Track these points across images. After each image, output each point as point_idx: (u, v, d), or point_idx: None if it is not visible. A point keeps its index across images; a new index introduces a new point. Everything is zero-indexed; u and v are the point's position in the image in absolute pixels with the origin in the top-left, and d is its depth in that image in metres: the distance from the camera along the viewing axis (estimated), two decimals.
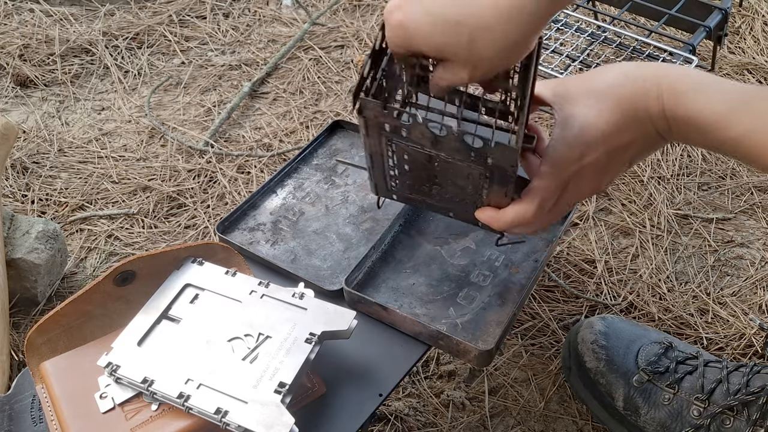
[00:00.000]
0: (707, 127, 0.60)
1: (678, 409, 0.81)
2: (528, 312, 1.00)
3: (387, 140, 0.63)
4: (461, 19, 0.54)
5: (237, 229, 0.85)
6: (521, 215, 0.65)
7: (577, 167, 0.64)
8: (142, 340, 0.66)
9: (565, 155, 0.64)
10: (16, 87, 1.37)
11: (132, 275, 0.69)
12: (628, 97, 0.63)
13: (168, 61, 1.45)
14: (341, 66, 1.42)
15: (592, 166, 0.64)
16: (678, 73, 0.63)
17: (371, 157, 0.67)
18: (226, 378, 0.63)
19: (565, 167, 0.64)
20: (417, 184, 0.69)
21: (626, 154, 0.64)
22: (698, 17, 1.16)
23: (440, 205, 0.71)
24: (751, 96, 0.60)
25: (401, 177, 0.68)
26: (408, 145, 0.63)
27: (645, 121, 0.63)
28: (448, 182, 0.66)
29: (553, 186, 0.64)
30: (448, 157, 0.62)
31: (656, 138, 0.64)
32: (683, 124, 0.61)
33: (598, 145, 0.63)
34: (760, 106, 0.59)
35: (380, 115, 0.60)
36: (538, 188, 0.64)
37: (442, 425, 0.89)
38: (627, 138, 0.63)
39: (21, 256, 0.95)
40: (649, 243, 1.10)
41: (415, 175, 0.67)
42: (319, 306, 0.69)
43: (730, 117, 0.59)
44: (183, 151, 1.24)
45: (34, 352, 0.67)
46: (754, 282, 1.05)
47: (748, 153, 0.58)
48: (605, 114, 0.63)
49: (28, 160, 1.22)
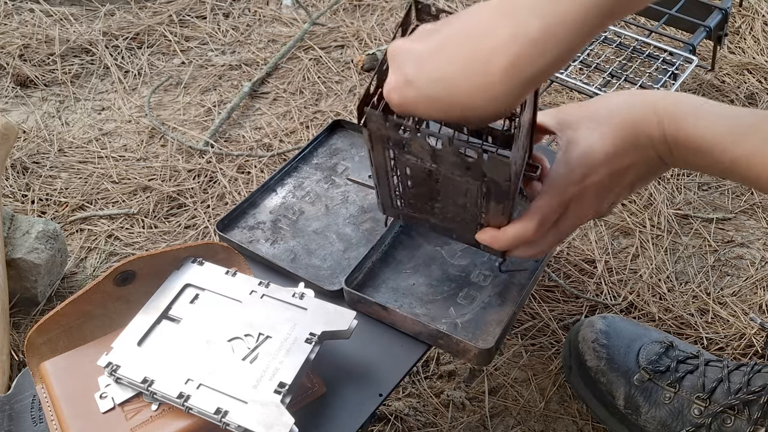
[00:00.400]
0: (708, 150, 0.61)
1: (679, 408, 0.81)
2: (528, 312, 1.00)
3: (390, 154, 0.65)
4: (453, 100, 0.56)
5: (237, 227, 0.85)
6: (522, 233, 0.65)
7: (579, 188, 0.65)
8: (142, 340, 0.66)
9: (567, 176, 0.65)
10: (16, 87, 1.37)
11: (132, 275, 0.69)
12: (629, 123, 0.64)
13: (168, 61, 1.45)
14: (341, 66, 1.42)
15: (593, 188, 0.65)
16: (678, 99, 0.64)
17: (377, 172, 0.68)
18: (226, 378, 0.63)
19: (566, 188, 0.65)
20: (420, 201, 0.69)
21: (627, 177, 0.66)
22: (698, 17, 1.16)
23: (443, 225, 0.72)
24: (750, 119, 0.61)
25: (405, 194, 0.69)
26: (409, 159, 0.64)
27: (646, 145, 0.64)
28: (449, 200, 0.67)
29: (554, 204, 0.65)
30: (447, 172, 0.63)
31: (658, 163, 0.65)
32: (684, 147, 0.62)
33: (600, 167, 0.64)
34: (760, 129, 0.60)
35: (383, 128, 0.61)
36: (539, 207, 0.65)
37: (442, 425, 0.89)
38: (628, 161, 0.65)
39: (21, 256, 0.95)
40: (649, 243, 1.10)
41: (418, 192, 0.68)
42: (319, 306, 0.69)
43: (730, 139, 0.60)
44: (183, 151, 1.24)
45: (34, 352, 0.67)
46: (754, 282, 1.05)
47: (748, 174, 0.60)
48: (608, 137, 0.64)
49: (28, 160, 1.22)
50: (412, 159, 0.64)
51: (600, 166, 0.64)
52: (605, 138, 0.65)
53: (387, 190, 0.70)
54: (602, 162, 0.64)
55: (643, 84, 1.04)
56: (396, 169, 0.67)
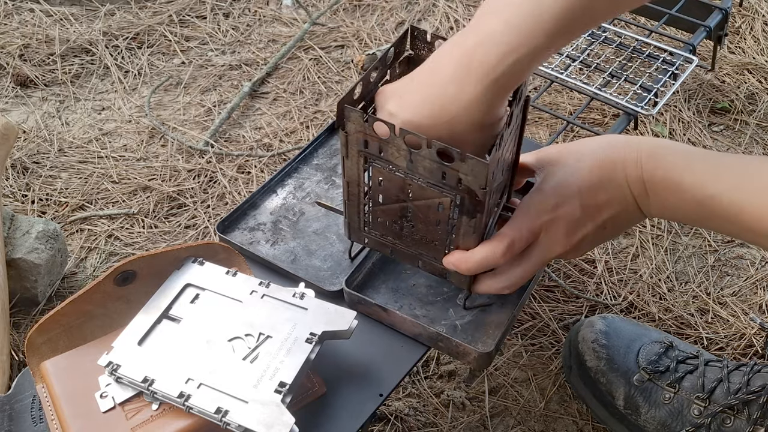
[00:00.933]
0: (685, 187, 0.60)
1: (678, 408, 0.81)
2: (528, 312, 1.00)
3: (365, 161, 0.65)
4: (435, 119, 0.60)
5: (237, 228, 0.85)
6: (489, 255, 0.64)
7: (551, 217, 0.64)
8: (142, 340, 0.66)
9: (540, 203, 0.65)
10: (16, 87, 1.37)
11: (132, 275, 0.69)
12: (609, 160, 0.64)
13: (168, 61, 1.45)
14: (341, 66, 1.42)
15: (564, 219, 0.64)
16: (661, 142, 0.64)
17: (348, 186, 0.68)
18: (226, 378, 0.63)
19: (537, 215, 0.64)
20: (389, 220, 0.69)
21: (601, 215, 0.64)
22: (698, 17, 1.16)
23: (410, 251, 0.71)
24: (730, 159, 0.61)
25: (374, 212, 0.69)
26: (384, 167, 0.64)
27: (622, 184, 0.63)
28: (420, 217, 0.66)
29: (524, 230, 0.64)
30: (421, 181, 0.63)
31: (633, 206, 0.64)
32: (661, 187, 0.61)
33: (573, 197, 0.64)
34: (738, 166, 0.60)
35: (361, 128, 0.62)
36: (508, 230, 0.65)
37: (442, 425, 0.89)
38: (603, 197, 0.64)
39: (21, 256, 0.95)
40: (649, 243, 1.10)
41: (388, 209, 0.68)
42: (320, 306, 0.69)
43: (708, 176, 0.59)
44: (183, 151, 1.24)
45: (35, 352, 0.67)
46: (754, 282, 1.05)
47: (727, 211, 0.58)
48: (584, 171, 0.64)
49: (28, 160, 1.22)
50: (387, 168, 0.64)
51: (573, 197, 0.64)
52: (582, 171, 0.64)
53: (356, 208, 0.70)
54: (575, 193, 0.64)
55: (643, 84, 1.04)
56: (368, 183, 0.66)
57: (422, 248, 0.70)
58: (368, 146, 0.63)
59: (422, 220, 0.66)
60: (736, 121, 1.30)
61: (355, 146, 0.64)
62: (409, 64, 0.73)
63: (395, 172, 0.64)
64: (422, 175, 0.62)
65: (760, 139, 1.28)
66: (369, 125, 0.61)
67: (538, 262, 0.66)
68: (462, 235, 0.65)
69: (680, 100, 1.32)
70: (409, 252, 0.71)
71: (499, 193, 0.72)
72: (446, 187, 0.62)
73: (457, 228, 0.65)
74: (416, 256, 0.71)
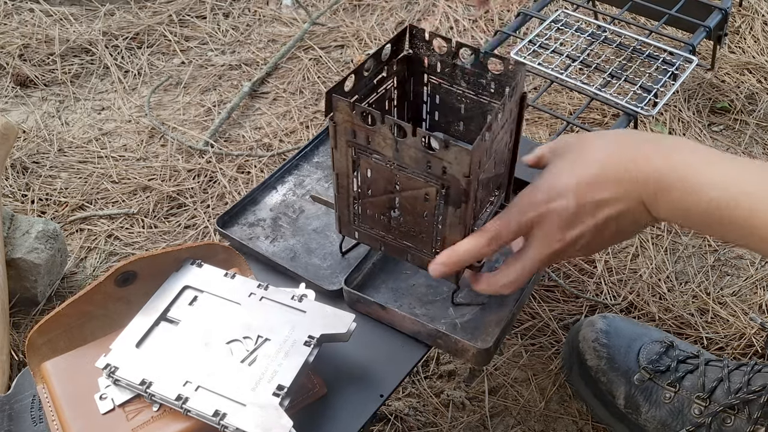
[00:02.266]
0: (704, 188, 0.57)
1: (679, 407, 0.81)
2: (528, 312, 1.00)
3: (354, 153, 0.65)
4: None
5: (237, 224, 0.84)
6: (473, 247, 0.63)
7: (542, 211, 0.62)
8: (140, 342, 0.66)
9: (529, 197, 0.63)
10: (16, 87, 1.37)
11: (133, 276, 0.69)
12: (614, 155, 0.61)
13: (168, 61, 1.45)
14: (341, 66, 1.42)
15: (557, 213, 0.61)
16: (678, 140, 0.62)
17: (338, 178, 0.68)
18: (224, 380, 0.63)
19: (527, 208, 0.62)
20: (378, 212, 0.69)
21: (601, 211, 0.61)
22: (698, 17, 1.16)
23: (398, 244, 0.71)
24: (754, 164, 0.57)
25: (363, 204, 0.69)
26: (371, 158, 0.64)
27: (628, 181, 0.60)
28: (407, 209, 0.66)
29: (511, 223, 0.63)
30: (408, 171, 0.63)
31: (639, 205, 0.60)
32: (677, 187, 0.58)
33: (567, 191, 0.61)
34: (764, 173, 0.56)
35: (349, 117, 0.62)
36: (494, 222, 0.63)
37: (442, 425, 0.89)
38: (604, 195, 0.60)
39: (21, 256, 0.95)
40: (649, 243, 1.10)
41: (377, 201, 0.68)
42: (318, 309, 0.68)
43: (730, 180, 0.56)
44: (183, 151, 1.24)
45: (35, 353, 0.67)
46: (754, 282, 1.05)
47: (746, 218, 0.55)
48: (583, 165, 0.62)
49: (28, 160, 1.22)
50: (374, 158, 0.64)
51: (568, 191, 0.61)
52: (582, 165, 0.62)
53: (346, 201, 0.70)
54: (572, 188, 0.61)
55: (643, 84, 1.04)
56: (357, 174, 0.67)
57: (410, 240, 0.70)
58: (356, 136, 0.63)
59: (410, 211, 0.67)
60: (736, 121, 1.30)
61: (344, 136, 0.64)
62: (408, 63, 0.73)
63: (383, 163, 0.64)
64: (408, 164, 0.63)
65: (760, 138, 1.28)
66: (356, 114, 0.61)
67: (536, 259, 0.64)
68: (448, 226, 0.65)
69: (680, 100, 1.32)
70: (398, 245, 0.71)
71: (494, 189, 0.72)
72: (432, 177, 0.62)
73: (443, 219, 0.65)
74: (405, 250, 0.71)
